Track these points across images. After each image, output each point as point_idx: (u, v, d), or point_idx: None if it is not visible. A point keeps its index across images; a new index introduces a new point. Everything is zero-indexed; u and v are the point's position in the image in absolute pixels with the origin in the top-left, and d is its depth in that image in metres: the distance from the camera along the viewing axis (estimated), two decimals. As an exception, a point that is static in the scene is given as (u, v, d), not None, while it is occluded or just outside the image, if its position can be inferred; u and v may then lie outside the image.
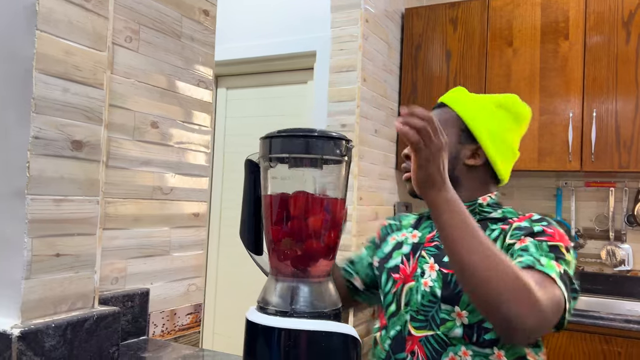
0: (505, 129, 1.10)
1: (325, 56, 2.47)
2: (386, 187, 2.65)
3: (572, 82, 2.39)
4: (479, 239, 0.84)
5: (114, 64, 1.16)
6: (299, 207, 0.82)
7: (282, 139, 0.81)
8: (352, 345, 0.82)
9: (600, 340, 2.07)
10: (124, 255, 1.19)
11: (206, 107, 1.44)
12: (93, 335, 0.96)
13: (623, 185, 2.62)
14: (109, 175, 1.15)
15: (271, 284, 0.84)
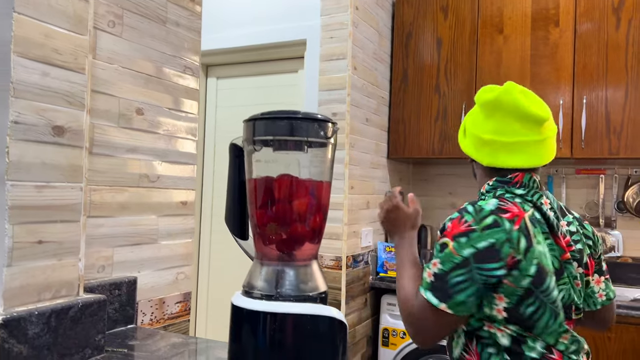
0: (474, 124, 1.17)
1: (316, 44, 2.45)
2: (377, 176, 2.64)
3: (562, 69, 2.39)
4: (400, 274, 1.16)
5: (97, 49, 1.14)
6: (283, 191, 0.81)
7: (266, 122, 0.80)
8: (339, 328, 0.82)
9: (590, 325, 2.08)
10: (110, 243, 1.18)
11: (193, 94, 1.42)
12: (78, 323, 0.95)
13: (613, 172, 2.63)
14: (93, 162, 1.14)
15: (256, 268, 0.83)
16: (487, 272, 0.99)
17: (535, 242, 1.02)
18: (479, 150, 1.15)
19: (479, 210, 1.05)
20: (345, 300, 2.27)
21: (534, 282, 1.01)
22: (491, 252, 0.99)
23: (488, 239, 1.00)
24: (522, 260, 1.00)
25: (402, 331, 2.38)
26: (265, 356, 0.77)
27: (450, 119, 2.62)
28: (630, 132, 2.26)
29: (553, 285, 1.03)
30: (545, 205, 1.10)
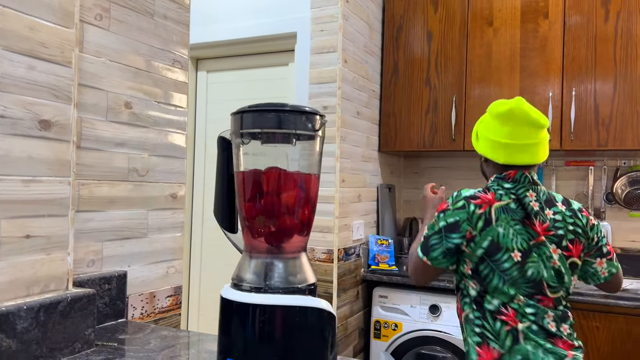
0: (490, 131, 1.44)
1: (306, 37, 2.45)
2: (369, 170, 2.65)
3: (551, 61, 2.40)
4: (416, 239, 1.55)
5: (84, 42, 1.13)
6: (271, 184, 0.81)
7: (254, 114, 0.80)
8: (328, 320, 0.82)
9: (579, 315, 2.10)
10: (99, 238, 1.18)
11: (182, 87, 1.41)
12: (67, 317, 0.95)
13: (602, 164, 2.65)
14: (81, 156, 1.13)
15: (245, 260, 0.83)
16: (450, 239, 1.39)
17: (497, 224, 1.36)
18: (496, 152, 1.43)
19: (457, 195, 1.43)
20: (337, 293, 2.28)
21: (487, 253, 1.36)
22: (455, 226, 1.38)
23: (455, 216, 1.39)
24: (477, 236, 1.37)
25: (393, 323, 2.39)
26: (254, 348, 0.78)
27: (440, 112, 2.63)
28: (618, 124, 2.28)
29: (506, 259, 1.35)
30: (530, 197, 1.39)
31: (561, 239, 1.38)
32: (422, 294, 2.36)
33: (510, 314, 1.36)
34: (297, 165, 0.83)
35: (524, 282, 1.35)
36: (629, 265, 2.57)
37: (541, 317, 1.36)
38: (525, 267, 1.35)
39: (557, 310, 1.38)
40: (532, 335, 1.34)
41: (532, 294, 1.36)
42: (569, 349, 1.36)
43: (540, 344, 1.34)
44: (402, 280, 2.40)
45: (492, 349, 1.35)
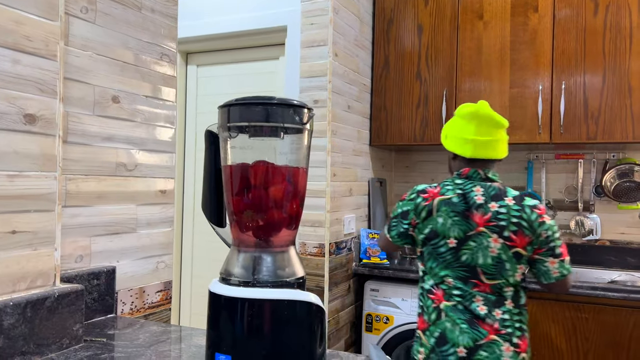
0: (457, 129, 1.64)
1: (296, 31, 2.43)
2: (360, 164, 2.65)
3: (541, 54, 2.41)
4: None
5: (69, 35, 1.12)
6: (259, 177, 0.80)
7: (241, 107, 0.79)
8: (316, 314, 0.82)
9: (568, 307, 2.12)
10: (87, 233, 1.17)
11: (170, 81, 1.40)
12: (55, 313, 0.94)
13: (591, 157, 2.67)
14: (68, 151, 1.12)
15: (233, 255, 0.83)
16: (402, 224, 1.67)
17: (437, 215, 1.58)
18: (463, 147, 1.61)
19: (413, 189, 1.69)
20: (328, 287, 2.28)
21: (426, 238, 1.61)
22: (406, 213, 1.66)
23: (406, 206, 1.67)
24: (419, 223, 1.62)
25: (385, 316, 2.40)
26: (243, 342, 0.78)
27: (431, 106, 2.63)
28: (607, 117, 2.29)
29: (442, 244, 1.57)
30: (476, 192, 1.57)
31: (503, 230, 1.52)
32: (414, 288, 2.37)
33: (439, 293, 1.58)
34: (285, 158, 0.83)
35: (458, 265, 1.55)
36: (618, 257, 2.60)
37: (469, 299, 1.54)
38: (459, 253, 1.55)
39: (491, 295, 1.53)
40: (451, 314, 1.55)
41: (467, 278, 1.55)
42: (494, 333, 1.51)
43: (457, 322, 1.53)
44: (393, 274, 2.41)
45: (424, 320, 1.62)
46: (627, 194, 2.54)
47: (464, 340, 1.52)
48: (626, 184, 2.53)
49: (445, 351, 1.53)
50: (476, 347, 1.51)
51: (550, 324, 2.15)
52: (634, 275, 2.43)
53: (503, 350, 1.51)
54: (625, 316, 2.04)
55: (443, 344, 1.54)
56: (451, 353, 1.53)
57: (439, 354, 1.55)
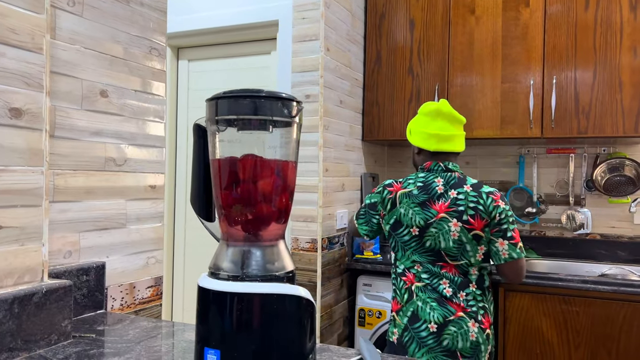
0: (422, 125, 1.80)
1: (288, 25, 2.42)
2: (352, 159, 2.65)
3: (532, 49, 2.41)
4: None
5: (57, 28, 1.10)
6: (248, 171, 0.80)
7: (229, 100, 0.78)
8: (306, 308, 0.82)
9: (559, 300, 2.14)
10: (76, 229, 1.16)
11: (159, 75, 1.39)
12: (43, 309, 0.93)
13: (582, 151, 2.68)
14: (56, 145, 1.11)
15: (222, 249, 0.82)
16: (370, 215, 1.86)
17: (400, 206, 1.75)
18: (428, 142, 1.77)
19: (381, 183, 1.87)
20: (321, 282, 2.28)
21: (392, 228, 1.79)
22: (374, 205, 1.85)
23: (374, 198, 1.85)
24: (386, 215, 1.80)
25: (377, 311, 2.41)
26: (232, 337, 0.77)
27: (423, 101, 2.63)
28: (598, 112, 2.30)
29: (405, 233, 1.74)
30: (437, 182, 1.73)
31: (462, 214, 1.69)
32: (406, 282, 2.37)
33: (410, 276, 1.74)
34: (274, 152, 0.82)
35: (424, 251, 1.72)
36: (609, 251, 2.62)
37: (437, 282, 1.70)
38: (423, 239, 1.71)
39: (457, 277, 1.70)
40: (421, 294, 1.70)
41: (434, 261, 1.71)
42: (461, 311, 1.68)
43: (427, 301, 1.69)
44: (386, 269, 2.41)
45: (397, 302, 1.77)
46: (618, 188, 2.55)
47: (434, 317, 1.67)
48: (616, 178, 2.55)
49: (418, 327, 1.69)
50: (446, 323, 1.67)
51: (542, 317, 2.16)
52: (624, 269, 2.45)
53: (470, 326, 1.68)
54: (616, 309, 2.05)
55: (415, 322, 1.69)
56: (423, 329, 1.68)
57: (411, 331, 1.70)
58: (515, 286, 2.20)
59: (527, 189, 2.76)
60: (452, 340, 1.67)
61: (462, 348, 1.67)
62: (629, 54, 2.25)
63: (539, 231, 2.78)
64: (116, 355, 0.90)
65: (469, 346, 1.68)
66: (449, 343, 1.67)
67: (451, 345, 1.67)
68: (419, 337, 1.68)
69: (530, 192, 2.75)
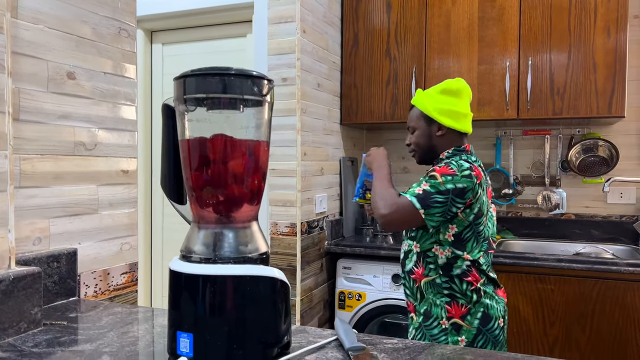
0: (450, 104, 1.59)
1: (264, 7, 2.38)
2: (331, 142, 2.63)
3: (508, 31, 2.42)
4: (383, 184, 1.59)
5: (19, 7, 1.06)
6: (218, 152, 0.78)
7: (197, 78, 0.76)
8: (281, 289, 0.81)
9: (535, 279, 2.17)
10: (45, 215, 1.13)
11: (129, 57, 1.36)
12: (10, 296, 0.91)
13: (558, 132, 2.71)
14: (21, 129, 1.07)
15: (194, 232, 0.81)
16: (455, 203, 1.47)
17: (483, 194, 1.53)
18: (460, 122, 1.59)
19: (460, 165, 1.50)
20: (300, 266, 2.28)
21: (474, 218, 1.52)
22: (463, 191, 1.47)
23: (464, 183, 1.47)
24: (474, 203, 1.50)
25: (357, 293, 2.42)
26: (205, 320, 0.76)
27: (401, 83, 2.62)
28: (572, 93, 2.33)
29: (482, 222, 1.54)
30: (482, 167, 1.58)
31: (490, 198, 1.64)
32: (385, 264, 2.38)
33: (475, 273, 1.53)
34: (245, 132, 0.80)
35: (483, 240, 1.56)
36: (583, 230, 2.67)
37: (491, 269, 1.60)
38: (485, 228, 1.56)
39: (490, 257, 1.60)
40: (487, 289, 1.55)
41: (487, 250, 1.57)
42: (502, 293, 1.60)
43: (493, 296, 1.56)
44: (365, 252, 2.42)
45: (460, 305, 1.53)
46: (592, 168, 2.59)
47: (500, 310, 1.55)
48: (591, 159, 2.59)
49: (491, 328, 1.52)
50: (505, 312, 1.58)
51: (518, 296, 2.20)
52: (598, 247, 2.50)
53: None
54: (589, 286, 2.10)
55: (488, 322, 1.52)
56: (496, 327, 1.53)
57: (486, 333, 1.52)
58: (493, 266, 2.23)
59: (503, 171, 2.79)
60: (507, 326, 1.58)
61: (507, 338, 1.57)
62: (603, 34, 2.27)
63: (515, 212, 2.81)
64: (88, 342, 0.88)
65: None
66: (506, 331, 1.58)
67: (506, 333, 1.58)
68: (493, 337, 1.52)
69: (507, 174, 2.78)
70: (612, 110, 2.26)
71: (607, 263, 2.07)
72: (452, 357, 0.82)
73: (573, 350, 2.12)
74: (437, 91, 1.62)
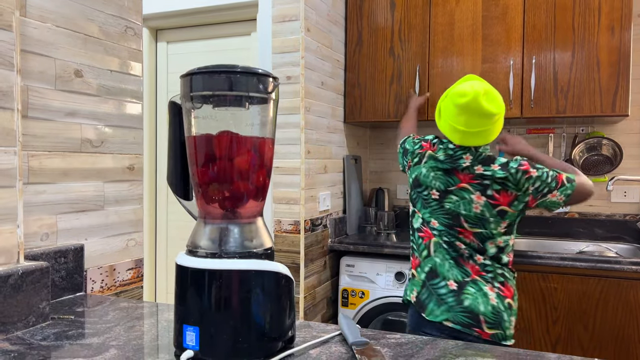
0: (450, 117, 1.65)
1: (268, 5, 2.39)
2: (334, 141, 2.64)
3: (512, 29, 2.42)
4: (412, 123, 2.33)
5: (27, 6, 1.08)
6: (224, 148, 0.79)
7: (203, 76, 0.77)
8: (285, 284, 0.82)
9: (538, 277, 2.18)
10: (53, 211, 1.14)
11: (136, 55, 1.37)
12: (19, 291, 0.92)
13: (561, 131, 2.71)
14: (30, 126, 1.09)
15: (200, 227, 0.82)
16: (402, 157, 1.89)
17: (422, 165, 1.73)
18: (453, 135, 1.66)
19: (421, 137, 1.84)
20: (304, 264, 2.29)
21: (413, 183, 1.78)
22: (406, 152, 1.86)
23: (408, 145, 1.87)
24: (412, 166, 1.79)
25: (360, 291, 2.43)
26: (211, 314, 0.78)
27: (404, 82, 2.63)
28: (576, 92, 2.33)
29: (426, 194, 1.72)
30: (465, 159, 1.66)
31: (486, 188, 1.63)
32: (388, 262, 2.39)
33: (427, 231, 1.71)
34: (250, 129, 0.81)
35: (442, 212, 1.68)
36: (586, 229, 2.67)
37: (453, 241, 1.67)
38: (443, 202, 1.68)
39: (473, 243, 1.65)
40: (440, 250, 1.67)
41: (451, 224, 1.67)
42: (476, 274, 1.64)
43: (446, 258, 1.66)
44: (368, 249, 2.43)
45: (416, 257, 1.74)
46: (596, 167, 2.59)
47: (453, 274, 1.64)
48: (594, 157, 2.59)
49: (436, 284, 1.65)
50: (464, 282, 1.63)
51: (520, 294, 2.20)
52: (601, 246, 2.50)
53: (487, 290, 1.62)
54: (592, 285, 2.10)
55: (434, 278, 1.66)
56: (442, 286, 1.64)
57: (429, 287, 1.66)
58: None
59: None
60: (473, 301, 1.61)
61: (485, 312, 1.60)
62: (607, 33, 2.27)
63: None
64: (95, 336, 0.90)
65: (491, 311, 1.60)
66: (470, 304, 1.61)
67: (474, 307, 1.60)
68: (437, 294, 1.64)
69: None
70: (616, 109, 2.26)
71: (611, 261, 2.07)
72: (454, 352, 0.83)
73: (576, 348, 2.13)
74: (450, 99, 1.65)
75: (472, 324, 1.60)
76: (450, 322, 1.62)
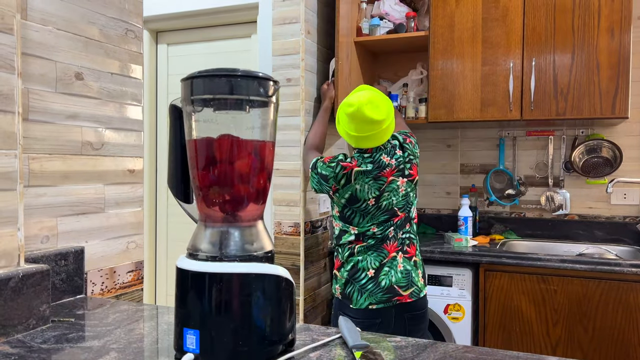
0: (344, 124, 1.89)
1: (268, 8, 2.40)
2: (334, 143, 2.65)
3: (512, 32, 2.42)
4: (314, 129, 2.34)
5: (28, 9, 1.08)
6: (224, 152, 0.79)
7: (204, 80, 0.78)
8: (285, 287, 0.83)
9: (538, 280, 2.18)
10: (53, 213, 1.14)
11: (136, 58, 1.37)
12: (20, 293, 0.92)
13: (561, 133, 2.72)
14: (30, 129, 1.09)
15: (200, 230, 0.82)
16: (323, 184, 1.94)
17: (355, 182, 1.87)
18: (348, 139, 1.90)
19: (335, 157, 1.94)
20: (304, 266, 2.29)
21: (347, 202, 1.90)
22: (326, 178, 1.92)
23: (326, 171, 1.92)
24: (340, 189, 1.90)
25: (360, 293, 2.43)
26: (211, 317, 0.78)
27: (405, 84, 2.62)
28: (576, 94, 2.33)
29: (364, 205, 1.87)
30: (384, 159, 1.89)
31: (403, 171, 1.92)
32: (388, 264, 2.39)
33: (359, 242, 1.90)
34: (251, 133, 0.82)
35: (380, 213, 1.88)
36: (586, 231, 2.67)
37: (385, 230, 1.88)
38: (379, 203, 1.87)
39: (401, 220, 1.91)
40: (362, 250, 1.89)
41: (388, 218, 1.89)
42: (393, 251, 1.89)
43: (367, 254, 1.88)
44: (368, 251, 2.43)
45: (339, 259, 1.97)
46: (595, 169, 2.59)
47: (371, 263, 1.87)
48: (594, 160, 2.59)
49: (358, 277, 1.88)
50: (381, 266, 1.87)
51: (521, 296, 2.20)
52: (601, 248, 2.50)
53: (399, 260, 1.89)
54: (592, 287, 2.10)
55: (355, 273, 1.89)
56: (362, 277, 1.87)
57: (353, 282, 1.89)
58: (496, 266, 2.24)
59: (507, 171, 2.80)
60: (387, 278, 1.86)
61: (396, 281, 1.86)
62: (607, 35, 2.28)
63: (518, 212, 2.82)
64: (96, 339, 0.90)
65: (401, 277, 1.87)
66: (385, 282, 1.86)
67: (387, 283, 1.86)
68: (359, 285, 1.87)
69: (510, 174, 2.79)
70: (616, 111, 2.27)
71: (611, 264, 2.08)
72: (455, 355, 0.83)
73: (576, 350, 2.13)
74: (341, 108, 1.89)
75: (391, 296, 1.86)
76: None
